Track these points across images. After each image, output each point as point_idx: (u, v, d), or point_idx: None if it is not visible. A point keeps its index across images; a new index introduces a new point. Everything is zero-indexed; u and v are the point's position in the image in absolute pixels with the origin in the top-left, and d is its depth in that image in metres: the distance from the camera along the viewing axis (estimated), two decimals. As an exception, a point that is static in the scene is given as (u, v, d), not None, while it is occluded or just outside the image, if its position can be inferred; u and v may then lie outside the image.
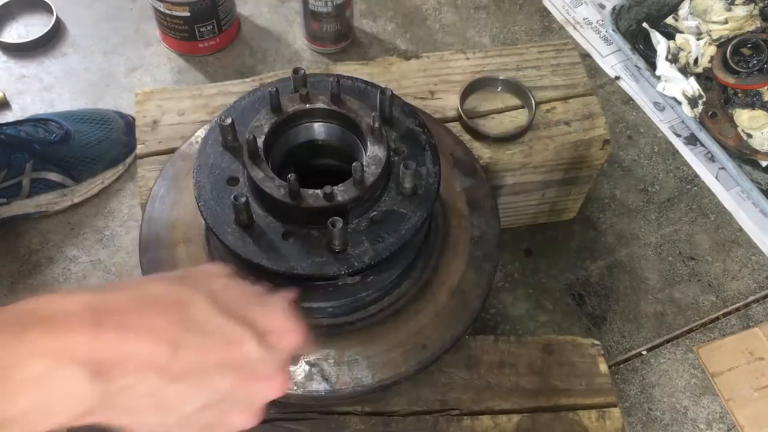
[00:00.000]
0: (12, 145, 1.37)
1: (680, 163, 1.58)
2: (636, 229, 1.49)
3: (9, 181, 1.37)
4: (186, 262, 1.01)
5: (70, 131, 1.44)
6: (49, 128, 1.43)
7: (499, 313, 1.38)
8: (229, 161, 0.92)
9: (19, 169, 1.37)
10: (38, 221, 1.44)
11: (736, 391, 1.30)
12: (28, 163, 1.38)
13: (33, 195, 1.41)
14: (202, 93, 1.28)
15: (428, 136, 0.95)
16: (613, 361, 1.33)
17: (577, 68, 1.32)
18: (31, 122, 1.44)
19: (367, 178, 0.86)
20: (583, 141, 1.25)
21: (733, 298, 1.41)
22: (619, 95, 1.68)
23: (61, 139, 1.42)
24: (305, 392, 0.93)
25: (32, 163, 1.38)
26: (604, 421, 1.00)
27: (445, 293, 1.00)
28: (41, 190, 1.42)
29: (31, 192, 1.41)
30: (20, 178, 1.38)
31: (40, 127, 1.43)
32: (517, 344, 1.05)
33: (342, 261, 0.86)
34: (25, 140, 1.39)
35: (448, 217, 1.06)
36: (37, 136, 1.41)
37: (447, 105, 1.27)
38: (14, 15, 1.77)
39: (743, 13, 1.64)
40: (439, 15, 1.81)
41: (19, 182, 1.38)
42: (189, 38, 1.65)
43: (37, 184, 1.40)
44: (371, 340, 0.97)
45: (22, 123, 1.43)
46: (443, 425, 0.98)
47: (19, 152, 1.37)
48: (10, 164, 1.36)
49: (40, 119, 1.45)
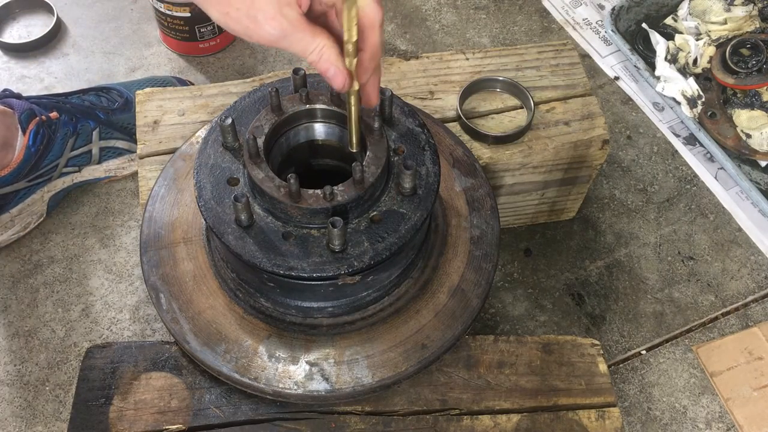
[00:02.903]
0: (78, 113, 1.42)
1: (679, 163, 1.58)
2: (635, 229, 1.49)
3: (79, 149, 1.42)
4: (186, 262, 1.02)
5: (131, 98, 1.47)
6: (111, 96, 1.49)
7: (498, 312, 1.38)
8: (230, 161, 0.92)
9: (86, 137, 1.43)
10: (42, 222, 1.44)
11: (736, 390, 1.30)
12: (94, 131, 1.43)
13: (102, 161, 1.47)
14: (203, 93, 1.28)
15: (428, 136, 0.96)
16: (612, 360, 1.34)
17: (577, 69, 1.33)
18: (94, 91, 1.49)
19: (367, 178, 0.87)
20: (582, 141, 1.25)
21: (732, 297, 1.41)
22: (618, 95, 1.68)
23: (122, 107, 1.47)
24: (305, 392, 0.94)
25: (98, 131, 1.44)
26: (604, 421, 1.00)
27: (445, 293, 1.01)
28: (110, 157, 1.47)
29: (101, 159, 1.46)
30: (90, 146, 1.43)
31: (102, 95, 1.49)
32: (517, 344, 1.05)
33: (342, 261, 0.86)
34: (90, 108, 1.44)
35: (448, 217, 1.06)
36: (100, 105, 1.46)
37: (446, 105, 1.27)
38: (15, 15, 1.77)
39: (742, 13, 1.64)
40: (439, 15, 1.81)
41: (89, 150, 1.44)
42: (189, 39, 1.65)
43: (106, 152, 1.46)
44: (371, 339, 0.97)
45: (85, 92, 1.49)
46: (443, 425, 0.98)
47: (84, 120, 1.42)
48: (77, 132, 1.41)
49: (102, 88, 1.51)
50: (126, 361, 1.01)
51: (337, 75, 0.78)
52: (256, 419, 0.97)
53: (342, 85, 0.79)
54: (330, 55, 0.77)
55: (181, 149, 1.12)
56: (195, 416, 0.97)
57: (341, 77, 0.78)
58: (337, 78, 0.78)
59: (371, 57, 0.78)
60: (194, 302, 0.99)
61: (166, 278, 1.01)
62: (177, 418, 0.97)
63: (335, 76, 0.78)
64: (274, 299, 0.96)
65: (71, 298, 1.38)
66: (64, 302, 1.38)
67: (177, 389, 0.99)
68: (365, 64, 0.78)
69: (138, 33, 1.75)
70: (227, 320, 0.98)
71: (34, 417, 1.26)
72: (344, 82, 0.78)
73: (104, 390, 0.99)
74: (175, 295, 0.99)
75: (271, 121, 0.91)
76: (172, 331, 0.98)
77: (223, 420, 0.97)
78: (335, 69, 0.78)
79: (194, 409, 0.98)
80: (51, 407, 1.27)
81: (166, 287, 1.00)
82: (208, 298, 0.99)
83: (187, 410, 0.97)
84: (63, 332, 1.35)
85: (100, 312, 1.37)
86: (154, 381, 1.00)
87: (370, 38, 0.77)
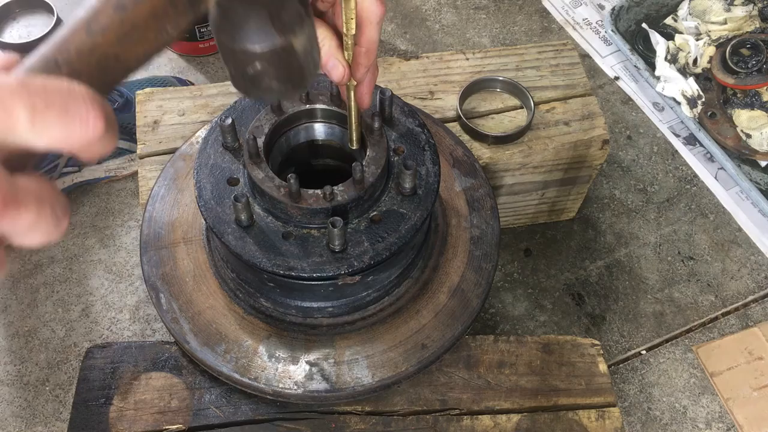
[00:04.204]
0: None
1: (679, 163, 1.58)
2: (635, 229, 1.49)
3: None
4: (186, 262, 1.02)
5: (131, 98, 1.47)
6: (111, 96, 1.49)
7: (498, 312, 1.38)
8: (230, 161, 0.92)
9: None
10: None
11: (736, 390, 1.30)
12: None
13: (102, 161, 1.47)
14: (203, 93, 1.28)
15: (428, 136, 0.96)
16: (612, 360, 1.34)
17: (577, 69, 1.33)
18: None
19: (367, 178, 0.87)
20: (582, 141, 1.25)
21: (732, 297, 1.41)
22: (618, 95, 1.68)
23: (122, 107, 1.47)
24: (305, 392, 0.94)
25: None
26: (604, 421, 1.00)
27: (445, 293, 1.01)
28: (110, 157, 1.47)
29: (101, 159, 1.45)
30: None
31: None
32: (517, 344, 1.05)
33: (342, 261, 0.86)
34: None
35: (448, 217, 1.06)
36: None
37: (446, 105, 1.27)
38: (15, 16, 1.77)
39: (742, 13, 1.64)
40: (439, 15, 1.81)
41: None
42: (189, 39, 1.65)
43: None
44: (371, 339, 0.97)
45: None
46: (443, 425, 0.98)
47: None
48: None
49: None
50: (126, 361, 1.01)
51: (336, 67, 0.78)
52: (256, 419, 0.97)
53: (341, 78, 0.79)
54: (329, 47, 0.77)
55: (181, 149, 1.12)
56: (195, 416, 0.97)
57: (340, 69, 0.78)
58: (336, 70, 0.78)
59: (366, 52, 0.78)
60: (194, 302, 0.99)
61: (166, 278, 1.01)
62: (177, 418, 0.97)
63: (334, 67, 0.78)
64: (274, 299, 0.96)
65: (71, 298, 1.38)
66: (64, 302, 1.38)
67: (177, 389, 0.99)
68: (359, 60, 0.78)
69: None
70: (227, 320, 0.98)
71: (34, 417, 1.26)
72: (343, 74, 0.78)
73: (104, 390, 0.99)
74: (175, 295, 0.99)
75: (271, 121, 0.91)
76: (172, 331, 0.98)
77: (223, 420, 0.97)
78: (334, 61, 0.78)
79: (194, 409, 0.98)
80: (51, 407, 1.27)
81: (166, 287, 1.00)
82: (208, 298, 0.99)
83: (187, 410, 0.97)
84: (63, 332, 1.35)
85: (100, 312, 1.37)
86: (154, 381, 1.00)
87: (366, 33, 0.77)
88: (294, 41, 0.58)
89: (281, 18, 0.57)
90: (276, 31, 0.57)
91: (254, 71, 0.59)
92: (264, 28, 0.57)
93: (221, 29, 0.57)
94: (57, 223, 0.46)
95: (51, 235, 0.46)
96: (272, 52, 0.58)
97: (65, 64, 0.47)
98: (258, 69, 0.59)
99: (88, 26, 0.48)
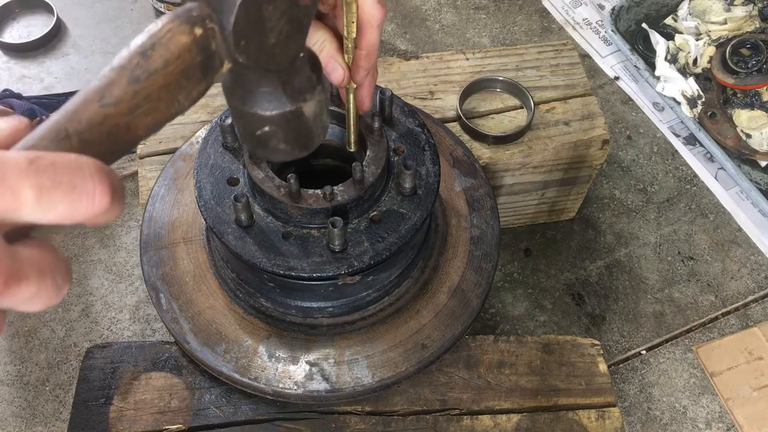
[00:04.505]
0: None
1: (679, 163, 1.58)
2: (635, 229, 1.49)
3: None
4: (186, 262, 1.02)
5: None
6: None
7: (498, 312, 1.38)
8: (230, 161, 0.92)
9: None
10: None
11: (736, 390, 1.30)
12: None
13: None
14: (203, 93, 1.28)
15: (428, 136, 0.96)
16: (612, 360, 1.34)
17: (577, 68, 1.33)
18: None
19: (367, 178, 0.87)
20: (582, 141, 1.25)
21: (732, 297, 1.41)
22: (618, 95, 1.68)
23: None
24: (305, 392, 0.94)
25: None
26: (604, 421, 1.00)
27: (445, 293, 1.01)
28: None
29: None
30: None
31: None
32: (517, 344, 1.05)
33: (342, 261, 0.86)
34: None
35: (448, 217, 1.06)
36: None
37: (446, 105, 1.27)
38: (15, 16, 1.77)
39: (742, 13, 1.64)
40: (439, 15, 1.81)
41: None
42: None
43: None
44: (371, 339, 0.97)
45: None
46: (443, 425, 0.98)
47: None
48: None
49: None
50: (126, 361, 1.01)
51: (336, 69, 0.78)
52: (256, 419, 0.97)
53: (341, 80, 0.79)
54: (330, 49, 0.77)
55: (181, 149, 1.12)
56: (195, 416, 0.97)
57: (340, 72, 0.78)
58: (336, 72, 0.78)
59: (366, 55, 0.78)
60: (194, 302, 0.99)
61: (166, 278, 1.01)
62: (177, 418, 0.97)
63: (334, 69, 0.78)
64: (274, 299, 0.96)
65: (71, 298, 1.38)
66: (64, 302, 1.38)
67: (177, 389, 0.99)
68: (359, 62, 0.78)
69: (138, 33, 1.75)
70: (227, 320, 0.98)
71: (34, 417, 1.26)
72: (343, 76, 0.79)
73: (104, 390, 0.99)
74: (175, 295, 0.99)
75: (271, 121, 0.91)
76: (172, 331, 0.98)
77: (223, 420, 0.97)
78: (334, 63, 0.78)
79: (194, 409, 0.98)
80: (51, 407, 1.27)
81: (166, 287, 1.00)
82: (208, 298, 0.99)
83: (187, 410, 0.97)
84: (63, 332, 1.35)
85: (100, 312, 1.37)
86: (154, 381, 1.00)
87: (367, 36, 0.77)
88: (304, 107, 0.59)
89: (293, 84, 0.58)
90: (287, 97, 0.58)
91: (263, 133, 0.60)
92: (275, 94, 0.58)
93: (233, 93, 0.58)
94: (57, 292, 0.46)
95: (51, 302, 0.46)
96: (282, 117, 0.59)
97: (75, 134, 0.47)
98: (267, 132, 0.60)
99: (101, 97, 0.48)
